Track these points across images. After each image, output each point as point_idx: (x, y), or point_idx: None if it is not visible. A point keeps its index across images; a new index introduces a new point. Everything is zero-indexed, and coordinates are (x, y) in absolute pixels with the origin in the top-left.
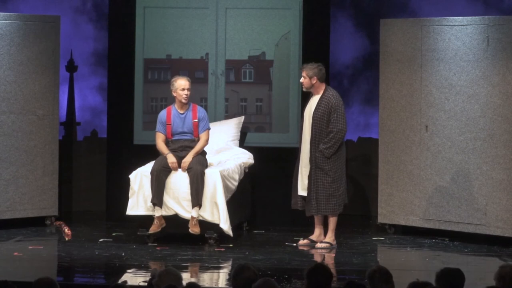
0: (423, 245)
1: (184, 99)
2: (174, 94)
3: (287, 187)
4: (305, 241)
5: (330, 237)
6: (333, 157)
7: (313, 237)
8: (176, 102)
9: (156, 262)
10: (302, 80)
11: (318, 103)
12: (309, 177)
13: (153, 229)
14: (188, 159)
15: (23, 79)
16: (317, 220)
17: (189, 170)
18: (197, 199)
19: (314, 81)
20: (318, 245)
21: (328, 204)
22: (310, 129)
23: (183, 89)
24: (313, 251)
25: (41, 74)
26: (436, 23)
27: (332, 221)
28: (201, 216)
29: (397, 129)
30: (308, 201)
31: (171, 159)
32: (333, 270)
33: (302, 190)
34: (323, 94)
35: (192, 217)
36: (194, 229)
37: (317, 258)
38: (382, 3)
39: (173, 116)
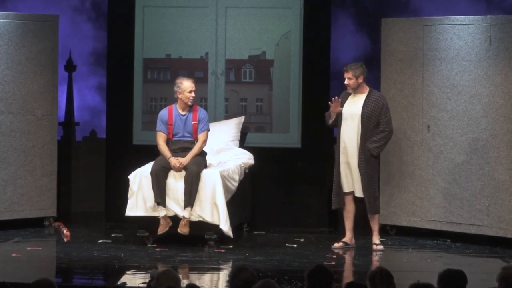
0: (425, 246)
1: (191, 102)
2: (179, 96)
3: (287, 187)
4: (340, 244)
5: (378, 237)
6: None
7: (347, 239)
8: (178, 103)
9: (155, 264)
10: (348, 81)
11: (365, 102)
12: (362, 176)
13: (161, 229)
14: (185, 162)
15: (21, 78)
16: (349, 223)
17: (186, 170)
18: (189, 200)
19: (360, 80)
20: (378, 247)
21: (377, 202)
22: (357, 127)
23: (190, 92)
24: (374, 253)
25: (40, 74)
26: (438, 22)
27: (377, 220)
28: (201, 217)
29: (399, 129)
30: (367, 201)
31: (174, 162)
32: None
33: (347, 188)
34: (369, 94)
35: (184, 217)
36: (183, 229)
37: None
38: (383, 2)
39: (174, 116)
